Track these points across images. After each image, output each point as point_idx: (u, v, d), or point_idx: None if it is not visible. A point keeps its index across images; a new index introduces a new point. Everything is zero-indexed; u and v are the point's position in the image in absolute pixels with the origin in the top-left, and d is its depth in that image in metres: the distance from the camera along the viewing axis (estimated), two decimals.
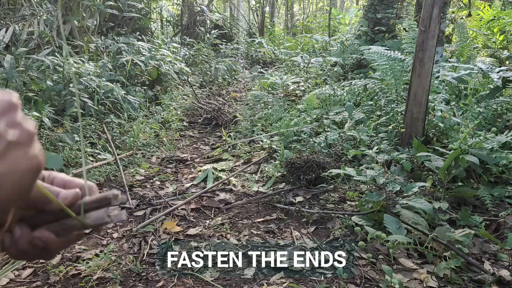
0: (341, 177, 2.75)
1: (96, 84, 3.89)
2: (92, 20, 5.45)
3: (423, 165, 2.77)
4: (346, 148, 3.25)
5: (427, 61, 2.99)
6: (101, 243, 2.24)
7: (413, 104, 3.06)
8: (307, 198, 2.68)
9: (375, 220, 2.22)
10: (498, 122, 3.26)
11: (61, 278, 1.90)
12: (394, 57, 3.72)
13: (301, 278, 1.87)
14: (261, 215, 2.53)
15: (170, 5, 10.72)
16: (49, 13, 4.63)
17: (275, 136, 3.71)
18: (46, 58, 3.78)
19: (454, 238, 1.84)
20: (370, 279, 1.84)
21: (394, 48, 4.64)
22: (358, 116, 3.72)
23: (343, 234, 2.19)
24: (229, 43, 9.54)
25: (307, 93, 4.74)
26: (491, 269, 1.88)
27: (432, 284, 1.78)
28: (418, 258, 1.99)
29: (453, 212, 2.33)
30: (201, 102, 5.29)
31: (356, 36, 6.57)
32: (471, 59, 5.12)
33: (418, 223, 2.08)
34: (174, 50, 7.05)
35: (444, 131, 3.12)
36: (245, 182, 3.03)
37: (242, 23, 12.43)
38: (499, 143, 2.52)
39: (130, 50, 5.01)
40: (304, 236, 2.23)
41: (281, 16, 17.16)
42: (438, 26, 2.98)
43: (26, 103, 3.32)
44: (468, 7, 8.23)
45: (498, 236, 2.14)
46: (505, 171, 2.62)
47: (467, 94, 3.83)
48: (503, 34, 6.11)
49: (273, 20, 13.63)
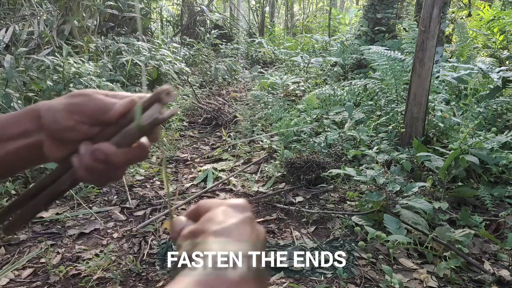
0: (341, 177, 2.75)
1: (96, 84, 3.89)
2: (92, 20, 5.45)
3: (423, 165, 2.77)
4: (346, 148, 3.25)
5: (427, 61, 2.99)
6: (101, 243, 2.24)
7: (413, 104, 3.06)
8: (307, 198, 2.68)
9: (375, 220, 2.22)
10: (498, 122, 3.26)
11: (61, 278, 1.90)
12: (394, 57, 3.72)
13: (301, 278, 1.87)
14: (261, 215, 2.53)
15: (170, 5, 10.72)
16: (49, 13, 4.63)
17: (275, 136, 3.71)
18: (46, 58, 3.78)
19: (454, 238, 1.84)
20: (370, 279, 1.84)
21: (394, 48, 4.64)
22: (358, 116, 3.72)
23: (343, 234, 2.19)
24: (229, 43, 9.54)
25: (307, 93, 4.74)
26: (491, 269, 1.88)
27: (432, 284, 1.78)
28: (418, 258, 1.99)
29: (453, 212, 2.33)
30: (201, 102, 5.29)
31: (356, 36, 6.57)
32: (471, 59, 5.12)
33: (418, 223, 2.08)
34: (174, 50, 7.05)
35: (444, 131, 3.12)
36: (245, 182, 3.03)
37: (242, 23, 12.43)
38: (499, 143, 2.52)
39: (130, 50, 5.01)
40: (304, 236, 2.23)
41: (281, 16, 17.16)
42: (438, 26, 2.98)
43: (26, 103, 3.32)
44: (468, 7, 8.23)
45: (498, 236, 2.14)
46: (505, 171, 2.62)
47: (467, 94, 3.83)
48: (503, 34, 6.11)
49: (273, 20, 13.63)
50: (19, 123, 0.45)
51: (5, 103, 2.90)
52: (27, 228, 2.36)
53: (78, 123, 0.44)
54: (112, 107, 0.44)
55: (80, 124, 0.44)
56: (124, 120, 0.44)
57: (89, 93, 0.45)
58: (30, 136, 0.45)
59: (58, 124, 0.43)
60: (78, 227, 2.39)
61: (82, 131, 0.44)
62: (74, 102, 0.45)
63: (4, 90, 3.05)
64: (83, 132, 0.44)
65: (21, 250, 2.15)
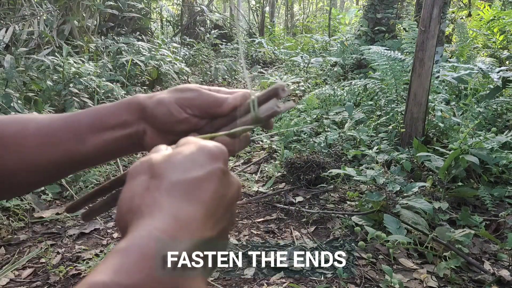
0: (341, 177, 2.75)
1: (96, 84, 3.89)
2: (92, 20, 5.45)
3: (423, 165, 2.77)
4: (346, 148, 3.25)
5: (427, 61, 2.99)
6: (101, 243, 2.24)
7: (413, 104, 3.06)
8: (307, 198, 2.68)
9: (375, 220, 2.22)
10: (498, 122, 3.26)
11: (61, 278, 1.90)
12: (394, 57, 3.72)
13: (301, 278, 1.87)
14: (261, 215, 2.53)
15: (170, 5, 10.72)
16: (49, 13, 4.63)
17: (275, 136, 3.71)
18: (46, 58, 3.78)
19: (454, 238, 1.84)
20: (370, 279, 1.84)
21: (394, 48, 4.64)
22: (358, 116, 3.72)
23: (343, 234, 2.19)
24: (229, 43, 9.54)
25: (307, 93, 4.74)
26: (491, 269, 1.88)
27: (432, 284, 1.78)
28: (418, 258, 1.99)
29: (453, 212, 2.33)
30: None
31: (356, 36, 6.57)
32: (471, 59, 5.12)
33: (418, 223, 2.08)
34: (174, 50, 7.05)
35: (444, 131, 3.12)
36: (245, 182, 3.03)
37: (242, 23, 12.43)
38: (499, 143, 2.52)
39: (130, 50, 5.01)
40: (304, 236, 2.23)
41: (281, 16, 17.16)
42: (438, 26, 2.98)
43: (26, 103, 3.32)
44: (468, 7, 8.23)
45: (498, 236, 2.14)
46: (505, 171, 2.62)
47: (467, 94, 3.83)
48: (503, 34, 6.11)
49: (273, 20, 13.62)
50: (117, 114, 0.48)
51: (5, 103, 2.90)
52: (27, 228, 2.36)
53: (190, 116, 0.47)
54: (225, 101, 0.47)
55: (191, 117, 0.47)
56: (234, 113, 0.48)
57: (197, 88, 0.48)
58: (130, 126, 0.48)
59: (171, 116, 0.46)
60: (78, 227, 2.39)
61: (192, 123, 0.47)
62: (185, 96, 0.47)
63: (4, 90, 3.05)
64: (193, 124, 0.48)
65: (21, 250, 2.15)
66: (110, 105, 0.48)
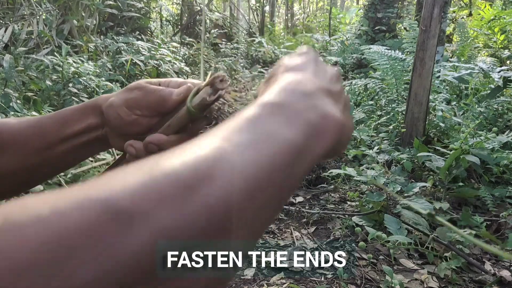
0: (342, 177, 2.74)
1: (95, 83, 3.88)
2: (92, 19, 5.44)
3: (423, 165, 2.76)
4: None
5: (428, 60, 2.98)
6: None
7: (414, 104, 3.05)
8: (307, 198, 2.67)
9: (375, 221, 2.21)
10: (499, 122, 3.25)
11: None
12: (394, 56, 3.71)
13: (301, 279, 1.86)
14: None
15: (169, 4, 10.72)
16: (48, 13, 4.62)
17: None
18: (45, 58, 3.77)
19: (455, 238, 1.84)
20: (370, 279, 1.83)
21: (394, 47, 4.63)
22: (359, 116, 3.71)
23: (344, 235, 2.19)
24: (229, 42, 9.53)
25: None
26: (492, 269, 1.87)
27: (433, 284, 1.77)
28: (418, 258, 1.99)
29: (454, 213, 2.32)
30: None
31: (357, 36, 6.57)
32: (472, 59, 5.11)
33: (419, 224, 2.07)
34: (174, 49, 7.04)
35: (445, 131, 3.11)
36: None
37: (242, 22, 12.42)
38: (500, 143, 2.51)
39: (130, 49, 5.00)
40: (304, 237, 2.22)
41: (281, 16, 17.15)
42: (439, 25, 2.97)
43: (25, 103, 3.31)
44: (469, 7, 8.23)
45: (499, 236, 2.13)
46: (506, 171, 2.61)
47: (468, 94, 3.82)
48: (504, 33, 6.10)
49: (273, 20, 13.62)
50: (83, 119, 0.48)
51: (4, 103, 2.89)
52: None
53: (139, 117, 0.46)
54: (169, 97, 0.46)
55: (141, 117, 0.46)
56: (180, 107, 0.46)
57: (143, 86, 0.47)
58: (95, 130, 0.48)
59: (121, 120, 0.46)
60: None
61: (143, 124, 0.47)
62: (132, 97, 0.46)
63: (3, 89, 3.05)
64: (145, 125, 0.47)
65: None
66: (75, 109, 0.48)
